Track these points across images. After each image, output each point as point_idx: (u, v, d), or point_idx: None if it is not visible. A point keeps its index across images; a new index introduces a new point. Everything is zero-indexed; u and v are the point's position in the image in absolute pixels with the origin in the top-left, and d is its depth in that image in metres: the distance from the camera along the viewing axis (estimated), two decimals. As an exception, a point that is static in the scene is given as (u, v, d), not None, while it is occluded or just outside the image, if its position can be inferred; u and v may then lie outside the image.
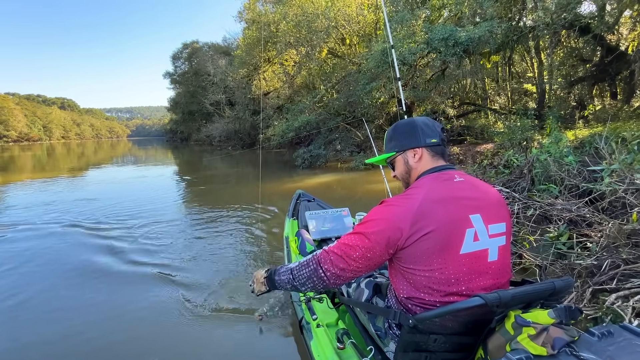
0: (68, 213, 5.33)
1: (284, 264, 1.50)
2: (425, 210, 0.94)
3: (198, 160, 17.22)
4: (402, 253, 0.97)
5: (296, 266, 1.11)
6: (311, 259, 1.07)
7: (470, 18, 9.86)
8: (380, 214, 0.99)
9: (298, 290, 1.14)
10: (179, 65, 36.47)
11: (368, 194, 6.43)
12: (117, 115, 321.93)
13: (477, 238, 0.95)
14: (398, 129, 1.17)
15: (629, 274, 1.51)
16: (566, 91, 10.13)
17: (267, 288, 1.20)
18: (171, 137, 50.54)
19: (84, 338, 2.12)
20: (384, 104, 10.97)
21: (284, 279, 1.13)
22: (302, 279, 1.07)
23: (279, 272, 1.16)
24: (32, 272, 3.15)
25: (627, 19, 8.65)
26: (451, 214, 0.94)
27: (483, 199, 1.01)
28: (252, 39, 15.48)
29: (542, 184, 3.07)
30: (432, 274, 0.94)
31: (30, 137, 77.56)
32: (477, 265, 0.96)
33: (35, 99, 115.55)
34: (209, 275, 2.91)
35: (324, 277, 1.03)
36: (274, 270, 1.19)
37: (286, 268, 1.15)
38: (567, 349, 0.75)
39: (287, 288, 1.15)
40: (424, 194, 0.97)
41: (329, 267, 1.02)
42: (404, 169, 1.15)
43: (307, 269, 1.06)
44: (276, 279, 1.15)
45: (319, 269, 1.03)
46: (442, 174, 1.06)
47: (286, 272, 1.13)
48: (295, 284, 1.10)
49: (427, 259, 0.94)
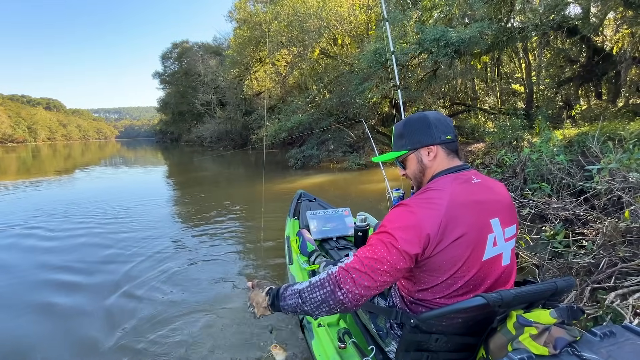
0: (53, 216, 5.21)
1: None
2: (453, 216, 0.88)
3: (189, 161, 17.03)
4: (426, 260, 0.90)
5: (306, 288, 0.94)
6: (326, 280, 0.91)
7: (460, 19, 9.98)
8: (405, 220, 0.88)
9: (308, 314, 0.97)
10: (169, 65, 36.06)
11: (362, 194, 6.45)
12: (105, 115, 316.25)
13: (495, 243, 0.94)
14: (410, 125, 1.06)
15: (626, 272, 1.54)
16: (554, 91, 10.34)
17: (272, 312, 1.04)
18: (161, 138, 49.93)
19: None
20: (376, 104, 11.01)
21: (290, 304, 0.96)
22: (315, 302, 0.91)
23: (284, 295, 0.99)
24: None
25: (612, 21, 8.87)
26: (476, 219, 0.91)
27: (500, 202, 0.99)
28: (244, 39, 15.36)
29: (535, 183, 3.12)
30: (454, 281, 0.92)
31: (14, 138, 75.58)
32: (494, 269, 0.96)
33: (19, 99, 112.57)
34: (208, 275, 2.90)
35: (342, 300, 0.87)
36: (276, 293, 1.01)
37: (293, 290, 0.97)
38: (569, 348, 0.75)
39: (296, 312, 0.98)
40: (449, 198, 0.90)
41: (350, 287, 0.87)
42: (417, 168, 1.05)
43: (321, 292, 0.90)
44: (282, 304, 0.98)
45: (337, 291, 0.88)
46: (461, 174, 0.99)
47: (293, 296, 0.96)
48: (306, 308, 0.93)
49: (452, 266, 0.90)
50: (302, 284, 0.96)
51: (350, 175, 8.83)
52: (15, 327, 2.30)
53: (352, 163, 9.88)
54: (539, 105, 9.75)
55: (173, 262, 3.27)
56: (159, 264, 3.21)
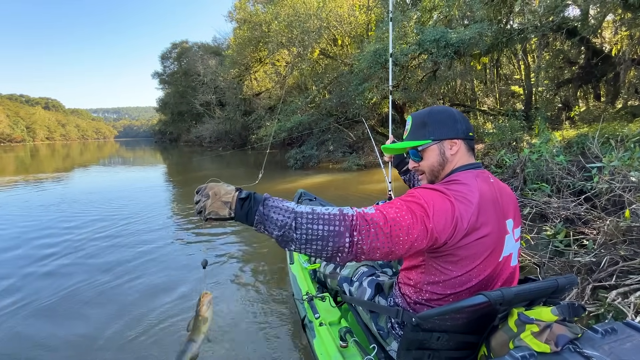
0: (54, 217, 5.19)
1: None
2: (482, 214, 0.86)
3: (188, 161, 16.99)
4: (448, 250, 0.86)
5: (307, 213, 0.77)
6: (338, 218, 0.77)
7: (460, 20, 10.01)
8: (442, 205, 0.82)
9: (288, 245, 0.78)
10: (168, 66, 36.01)
11: (362, 194, 6.46)
12: (104, 115, 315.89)
13: (508, 243, 0.95)
14: (435, 115, 1.01)
15: (627, 270, 1.55)
16: (552, 93, 10.37)
17: (231, 215, 0.80)
18: (160, 138, 49.82)
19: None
20: (376, 105, 11.02)
21: (275, 219, 0.77)
22: (311, 235, 0.75)
23: (270, 205, 0.79)
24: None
25: (611, 23, 8.90)
26: (497, 219, 0.91)
27: (512, 203, 1.00)
28: (243, 39, 15.35)
29: (534, 183, 3.13)
30: (469, 278, 0.91)
31: (12, 138, 75.35)
32: (504, 270, 0.97)
33: (18, 98, 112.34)
34: (208, 277, 2.88)
35: (344, 247, 0.76)
36: (257, 196, 0.80)
37: (286, 207, 0.79)
38: (570, 346, 0.75)
39: (272, 234, 0.78)
40: (479, 195, 0.88)
41: (364, 240, 0.75)
42: (438, 161, 1.00)
43: (325, 227, 0.75)
44: (263, 212, 0.77)
45: (346, 235, 0.75)
46: (482, 172, 0.97)
47: (284, 212, 0.77)
48: (294, 235, 0.76)
49: (470, 263, 0.89)
50: (302, 206, 0.79)
51: (349, 176, 8.83)
52: (15, 326, 2.29)
53: (352, 163, 9.89)
54: (538, 107, 9.77)
55: (173, 261, 3.26)
56: (159, 264, 3.21)
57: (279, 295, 2.50)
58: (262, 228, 0.78)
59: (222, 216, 0.80)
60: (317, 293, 1.56)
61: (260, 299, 2.47)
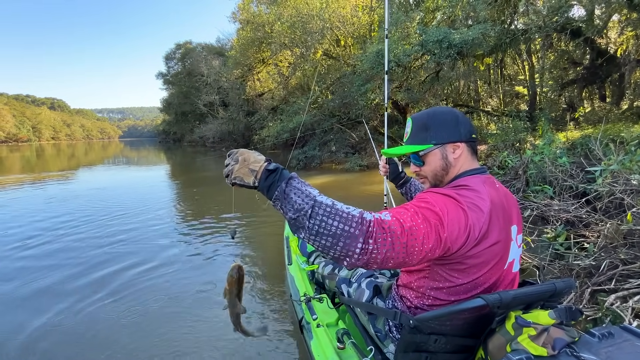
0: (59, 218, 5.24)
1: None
2: (492, 221, 0.85)
3: (191, 161, 17.07)
4: (454, 260, 0.85)
5: (327, 206, 0.73)
6: (356, 220, 0.72)
7: (463, 21, 9.98)
8: (456, 213, 0.80)
9: (299, 232, 0.75)
10: (172, 66, 36.19)
11: (364, 194, 6.45)
12: (109, 115, 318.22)
13: (512, 250, 0.94)
14: (437, 117, 0.97)
15: (627, 274, 1.54)
16: (557, 93, 10.30)
17: (255, 184, 0.79)
18: (164, 138, 50.06)
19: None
20: (378, 105, 11.01)
21: (294, 200, 0.74)
22: (323, 228, 0.72)
23: (293, 185, 0.76)
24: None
25: (616, 23, 8.84)
26: (505, 226, 0.89)
27: (515, 208, 0.99)
28: (246, 40, 15.41)
29: (537, 185, 3.12)
30: (475, 286, 0.90)
31: (18, 137, 76.23)
32: (507, 276, 0.96)
33: (24, 99, 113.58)
34: (206, 278, 2.89)
35: (357, 252, 0.71)
36: (284, 172, 0.78)
37: (308, 192, 0.75)
38: (567, 349, 0.75)
39: (287, 214, 0.75)
40: (490, 202, 0.86)
41: (379, 248, 0.71)
42: (440, 165, 0.97)
43: (340, 225, 0.71)
44: (284, 188, 0.75)
45: (359, 240, 0.70)
46: (488, 178, 0.95)
47: (305, 197, 0.74)
48: (307, 223, 0.73)
49: (478, 271, 0.87)
50: (324, 197, 0.76)
51: (352, 176, 8.83)
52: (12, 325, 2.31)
53: (354, 164, 9.88)
54: (542, 108, 9.71)
55: (173, 262, 3.27)
56: (160, 264, 3.23)
57: (276, 297, 2.49)
58: (279, 205, 0.76)
59: (246, 183, 0.80)
60: (315, 294, 1.56)
61: (258, 299, 2.47)
